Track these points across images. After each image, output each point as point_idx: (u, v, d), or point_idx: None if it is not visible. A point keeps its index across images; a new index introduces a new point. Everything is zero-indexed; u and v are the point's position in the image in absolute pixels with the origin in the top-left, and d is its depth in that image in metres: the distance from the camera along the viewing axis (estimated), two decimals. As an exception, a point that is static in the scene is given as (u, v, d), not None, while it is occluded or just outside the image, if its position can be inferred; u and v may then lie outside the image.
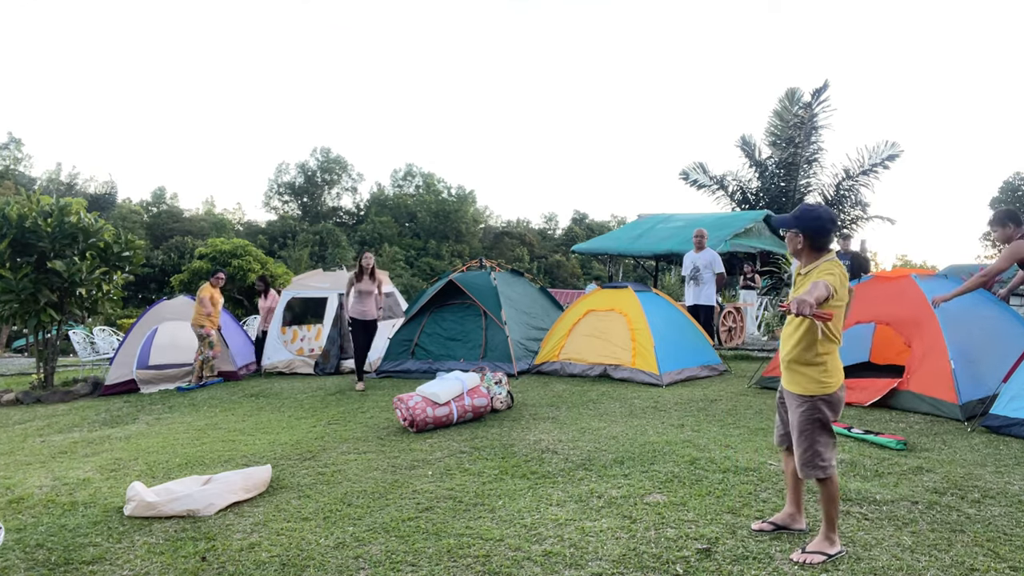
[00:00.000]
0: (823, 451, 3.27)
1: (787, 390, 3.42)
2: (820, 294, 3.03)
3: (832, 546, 3.25)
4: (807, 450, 3.28)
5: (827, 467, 3.26)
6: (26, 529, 4.03)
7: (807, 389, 3.29)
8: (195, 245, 36.66)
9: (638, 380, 8.11)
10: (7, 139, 50.17)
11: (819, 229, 3.31)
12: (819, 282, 3.10)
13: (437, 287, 9.95)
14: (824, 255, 3.33)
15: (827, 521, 3.28)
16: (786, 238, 3.46)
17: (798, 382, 3.33)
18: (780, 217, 3.51)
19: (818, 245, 3.34)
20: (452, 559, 3.37)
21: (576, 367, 8.70)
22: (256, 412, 7.66)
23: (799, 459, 3.32)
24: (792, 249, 3.43)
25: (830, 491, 3.27)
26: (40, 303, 9.79)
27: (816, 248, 3.34)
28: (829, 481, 3.26)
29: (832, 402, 3.29)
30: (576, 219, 68.16)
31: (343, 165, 64.17)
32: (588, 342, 8.74)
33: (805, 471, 3.29)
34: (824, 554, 3.21)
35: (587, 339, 8.78)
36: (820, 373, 3.27)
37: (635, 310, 8.54)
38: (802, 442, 3.30)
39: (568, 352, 8.88)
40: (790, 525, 3.58)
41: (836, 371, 3.30)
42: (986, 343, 6.35)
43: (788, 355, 3.37)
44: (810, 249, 3.35)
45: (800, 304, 2.91)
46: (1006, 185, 33.80)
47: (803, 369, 3.30)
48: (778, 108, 21.05)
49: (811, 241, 3.33)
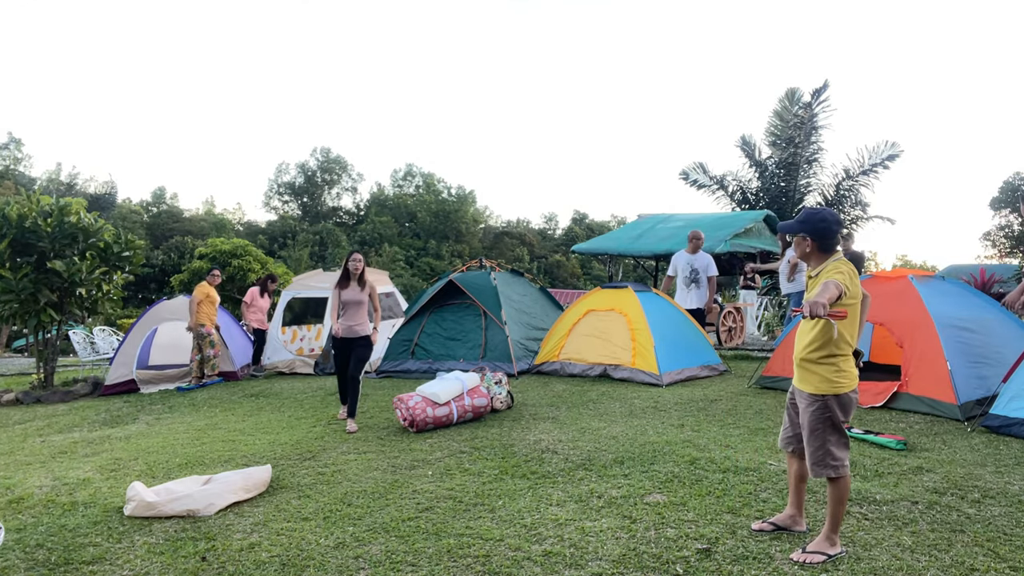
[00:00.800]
0: (835, 450, 3.28)
1: (799, 389, 3.44)
2: (831, 294, 3.07)
3: (832, 547, 3.26)
4: (818, 449, 3.29)
5: (839, 466, 3.27)
6: (26, 529, 4.03)
7: (819, 388, 3.31)
8: (195, 245, 36.66)
9: (638, 380, 8.11)
10: (7, 139, 50.18)
11: (825, 231, 3.38)
12: (829, 282, 3.15)
13: (437, 287, 9.96)
14: (832, 256, 3.40)
15: (831, 521, 3.28)
16: (793, 243, 3.51)
17: (810, 381, 3.35)
18: (786, 223, 3.55)
19: (825, 247, 3.41)
20: (452, 559, 3.37)
21: (576, 367, 8.70)
22: (256, 412, 7.66)
23: (810, 458, 3.33)
24: (800, 253, 3.48)
25: (839, 491, 3.27)
26: (40, 303, 9.79)
27: (824, 250, 3.41)
28: (841, 481, 3.27)
29: (844, 402, 3.31)
30: (576, 219, 68.16)
31: (343, 165, 64.17)
32: (588, 342, 8.74)
33: (816, 470, 3.30)
34: (824, 554, 3.21)
35: (587, 339, 8.77)
36: (833, 373, 3.28)
37: (635, 310, 8.55)
38: (813, 441, 3.31)
39: (568, 352, 8.88)
40: (790, 527, 3.59)
41: (850, 372, 3.32)
42: (985, 344, 6.35)
43: (801, 354, 3.40)
44: (818, 251, 3.42)
45: (812, 306, 2.95)
46: (1006, 185, 33.75)
47: (816, 368, 3.32)
48: (778, 108, 21.03)
49: (818, 243, 3.40)
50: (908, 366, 6.39)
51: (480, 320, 9.49)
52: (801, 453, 3.48)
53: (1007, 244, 34.59)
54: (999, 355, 6.18)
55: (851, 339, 3.31)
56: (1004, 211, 34.10)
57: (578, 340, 8.87)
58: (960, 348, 6.17)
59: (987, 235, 35.87)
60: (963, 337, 6.28)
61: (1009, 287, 19.44)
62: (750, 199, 20.86)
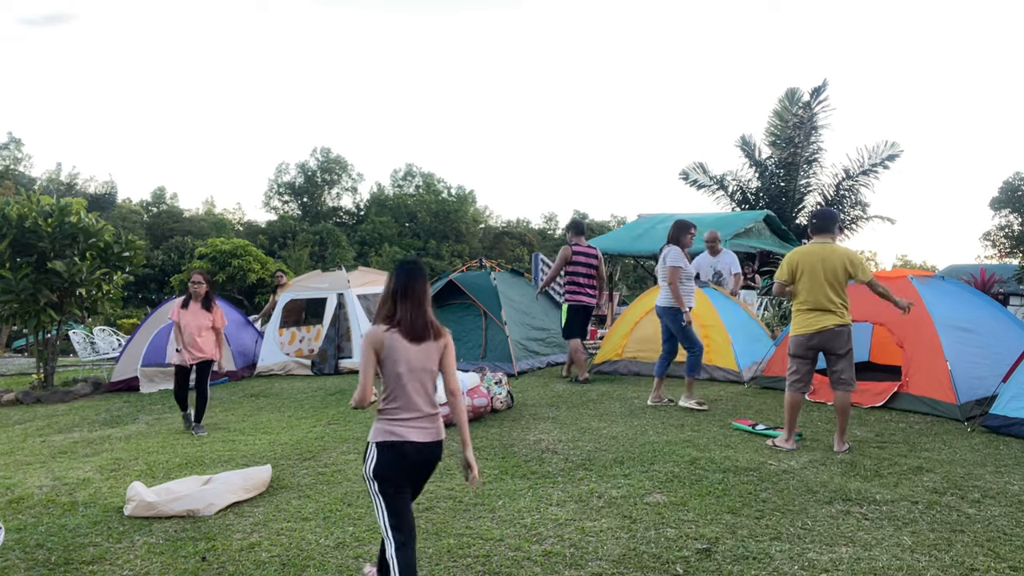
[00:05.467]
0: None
1: (839, 326, 5.01)
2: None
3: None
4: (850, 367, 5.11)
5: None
6: (26, 529, 4.03)
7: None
8: (195, 245, 36.63)
9: (718, 378, 8.03)
10: (7, 139, 50.17)
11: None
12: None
13: (437, 287, 9.95)
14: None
15: (841, 431, 5.10)
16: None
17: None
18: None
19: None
20: (452, 559, 3.37)
21: (639, 365, 8.53)
22: (256, 412, 7.66)
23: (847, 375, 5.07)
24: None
25: (844, 403, 5.07)
26: (40, 303, 9.78)
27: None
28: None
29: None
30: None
31: (343, 165, 64.11)
32: (654, 340, 8.49)
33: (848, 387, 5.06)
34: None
35: (653, 337, 8.40)
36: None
37: (704, 306, 8.29)
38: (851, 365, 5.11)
39: (632, 350, 8.71)
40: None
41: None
42: (985, 344, 6.35)
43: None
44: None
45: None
46: (1006, 185, 33.77)
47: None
48: (778, 108, 21.03)
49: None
50: (908, 366, 6.39)
51: (480, 320, 9.49)
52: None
53: (1007, 244, 34.60)
54: (999, 355, 6.18)
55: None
56: (1004, 211, 34.10)
57: (642, 338, 8.63)
58: (960, 348, 6.17)
59: (987, 235, 35.91)
60: (963, 337, 6.28)
61: (1009, 287, 19.46)
62: (750, 199, 20.86)
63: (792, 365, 5.20)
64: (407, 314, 2.89)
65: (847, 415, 5.07)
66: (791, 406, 5.16)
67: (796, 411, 5.17)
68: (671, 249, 6.75)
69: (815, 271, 5.00)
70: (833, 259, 4.98)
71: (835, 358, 5.07)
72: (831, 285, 4.97)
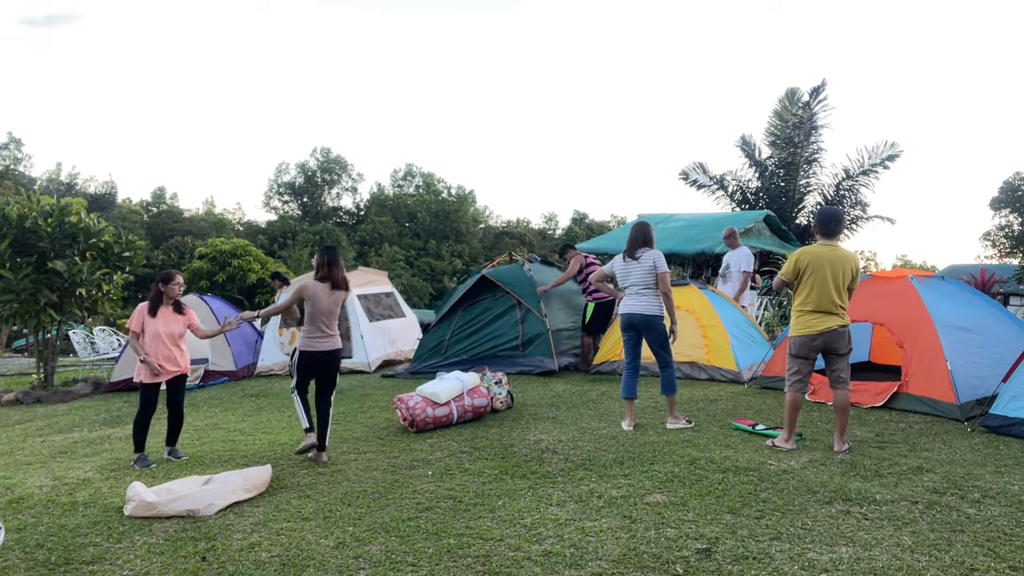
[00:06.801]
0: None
1: (842, 327, 5.04)
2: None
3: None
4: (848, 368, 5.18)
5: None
6: (26, 529, 4.03)
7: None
8: (195, 245, 36.67)
9: (718, 379, 8.01)
10: (7, 139, 50.18)
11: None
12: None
13: (468, 284, 9.78)
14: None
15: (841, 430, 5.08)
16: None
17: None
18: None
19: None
20: (452, 559, 3.37)
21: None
22: (256, 412, 7.66)
23: (845, 374, 5.13)
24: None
25: (844, 402, 5.11)
26: (40, 303, 9.79)
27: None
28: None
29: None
30: (576, 219, 68.06)
31: (343, 165, 64.10)
32: None
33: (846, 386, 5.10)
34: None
35: None
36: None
37: (703, 307, 8.30)
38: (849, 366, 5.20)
39: None
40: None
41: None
42: (985, 344, 6.35)
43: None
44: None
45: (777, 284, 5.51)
46: (1006, 185, 33.75)
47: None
48: (778, 108, 21.03)
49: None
50: (908, 366, 6.39)
51: (515, 313, 9.24)
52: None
53: (1007, 244, 34.59)
54: (999, 355, 6.18)
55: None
56: (1004, 211, 34.09)
57: None
58: (960, 348, 6.17)
59: (987, 235, 35.88)
60: (963, 337, 6.28)
61: (1009, 287, 19.45)
62: (750, 199, 20.86)
63: (793, 365, 5.21)
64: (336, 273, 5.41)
65: (847, 414, 5.07)
66: (791, 406, 5.16)
67: (796, 411, 5.17)
68: (659, 253, 5.89)
69: (824, 274, 4.99)
70: (844, 264, 5.02)
71: (836, 358, 5.08)
72: (837, 288, 5.00)
